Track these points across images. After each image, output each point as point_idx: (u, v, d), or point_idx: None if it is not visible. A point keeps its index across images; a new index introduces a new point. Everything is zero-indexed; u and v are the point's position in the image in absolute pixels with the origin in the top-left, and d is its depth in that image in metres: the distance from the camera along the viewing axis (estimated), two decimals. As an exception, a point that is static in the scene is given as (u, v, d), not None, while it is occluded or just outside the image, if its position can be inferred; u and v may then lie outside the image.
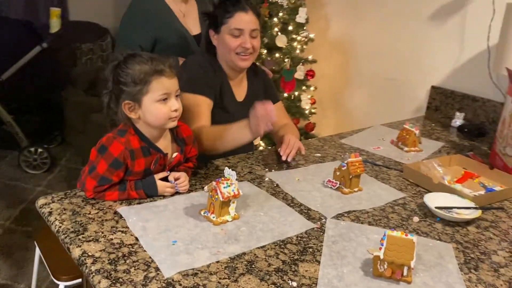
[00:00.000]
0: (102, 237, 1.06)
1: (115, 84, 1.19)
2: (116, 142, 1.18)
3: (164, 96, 1.19)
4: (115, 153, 1.17)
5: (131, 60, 1.19)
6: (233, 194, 1.15)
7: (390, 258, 0.97)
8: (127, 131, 1.22)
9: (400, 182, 1.52)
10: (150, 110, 1.19)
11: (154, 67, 1.18)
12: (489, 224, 1.29)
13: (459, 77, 2.28)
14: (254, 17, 1.58)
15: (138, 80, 1.17)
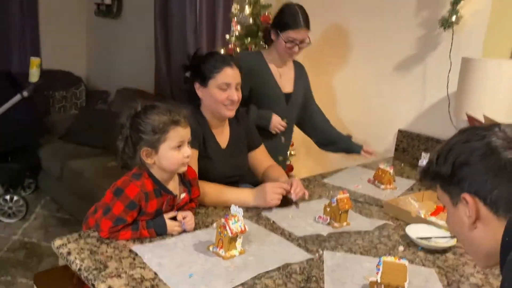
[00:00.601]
0: (123, 273, 1.14)
1: (133, 132, 1.31)
2: (132, 185, 1.28)
3: (179, 143, 1.32)
4: (131, 195, 1.27)
5: (150, 111, 1.31)
6: (241, 230, 1.27)
7: (386, 280, 1.11)
8: (142, 174, 1.32)
9: (382, 216, 1.68)
10: (166, 157, 1.31)
11: (172, 117, 1.31)
12: (464, 251, 1.45)
13: (423, 121, 2.52)
14: (237, 71, 1.72)
15: (158, 129, 1.29)
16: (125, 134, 1.33)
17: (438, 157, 0.89)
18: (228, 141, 1.82)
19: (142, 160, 1.32)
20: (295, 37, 2.08)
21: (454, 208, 0.88)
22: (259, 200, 1.62)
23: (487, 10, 2.18)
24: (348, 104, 2.86)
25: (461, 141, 0.87)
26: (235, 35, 2.74)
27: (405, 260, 1.13)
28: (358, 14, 2.69)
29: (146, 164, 1.33)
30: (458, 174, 0.85)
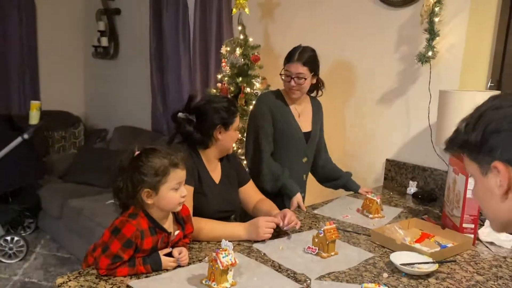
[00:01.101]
0: (121, 308, 1.21)
1: (134, 173, 1.40)
2: (129, 224, 1.37)
3: (178, 185, 1.42)
4: (128, 234, 1.35)
5: (152, 154, 1.41)
6: (231, 263, 1.34)
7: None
8: (138, 214, 1.41)
9: (369, 245, 1.75)
10: (165, 197, 1.41)
11: (172, 161, 1.41)
12: (445, 275, 1.52)
13: (409, 150, 2.62)
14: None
15: (159, 172, 1.39)
16: (125, 175, 1.42)
17: (467, 124, 0.85)
18: (221, 177, 1.91)
19: (142, 200, 1.41)
20: (289, 69, 2.16)
21: (483, 178, 0.84)
22: (252, 234, 1.70)
23: (461, 45, 2.32)
24: (338, 136, 2.96)
25: (492, 108, 0.82)
26: (227, 74, 2.88)
27: (385, 287, 1.20)
28: (346, 52, 2.84)
29: (144, 204, 1.42)
30: (488, 142, 0.80)
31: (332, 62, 2.87)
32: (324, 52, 2.92)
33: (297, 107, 2.29)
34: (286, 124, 2.22)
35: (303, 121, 2.29)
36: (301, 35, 2.93)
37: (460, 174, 1.84)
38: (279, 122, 2.21)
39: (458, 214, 1.84)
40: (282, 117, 2.22)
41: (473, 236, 1.80)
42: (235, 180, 1.95)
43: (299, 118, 2.28)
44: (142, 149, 1.46)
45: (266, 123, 2.21)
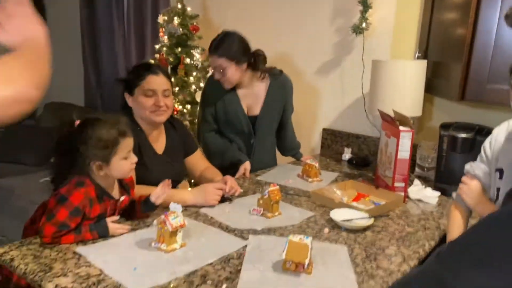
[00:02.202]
0: (69, 272, 1.19)
1: (82, 147, 1.35)
2: (76, 192, 1.33)
3: (128, 153, 1.40)
4: (75, 202, 1.32)
5: (96, 125, 1.36)
6: (180, 224, 1.36)
7: (289, 258, 1.25)
8: (85, 182, 1.37)
9: (310, 205, 1.84)
10: (116, 168, 1.39)
11: (120, 130, 1.38)
12: (380, 228, 1.65)
13: (344, 119, 2.75)
14: (165, 79, 1.80)
15: (109, 144, 1.36)
16: (65, 149, 1.37)
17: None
18: (165, 148, 1.89)
19: (92, 172, 1.38)
20: (212, 64, 2.15)
21: None
22: (199, 199, 1.72)
23: (391, 16, 2.45)
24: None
25: None
26: (165, 44, 2.82)
27: (309, 239, 1.27)
28: (283, 25, 2.89)
29: (93, 174, 1.39)
30: None
31: (269, 35, 2.92)
32: (262, 24, 2.96)
33: (244, 91, 2.25)
34: (228, 109, 2.22)
35: (251, 105, 2.27)
36: (240, 9, 2.94)
37: (391, 137, 1.98)
38: (221, 108, 2.22)
39: (390, 174, 1.98)
40: (225, 102, 2.22)
41: (403, 194, 1.96)
42: (181, 151, 1.95)
43: (246, 101, 2.25)
44: (84, 119, 1.41)
45: (207, 106, 2.24)
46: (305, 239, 1.28)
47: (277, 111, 2.34)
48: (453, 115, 2.33)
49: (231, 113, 2.23)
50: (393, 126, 1.97)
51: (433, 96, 2.41)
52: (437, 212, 1.87)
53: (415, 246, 1.51)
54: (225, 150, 2.23)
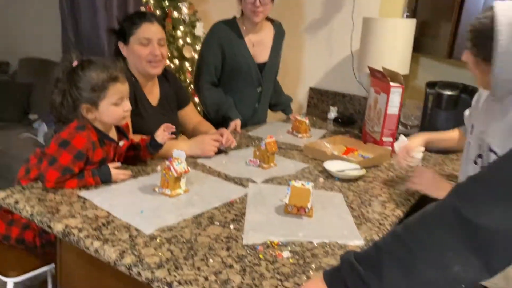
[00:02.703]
0: (77, 214, 1.21)
1: (71, 88, 1.33)
2: (79, 136, 1.33)
3: (119, 100, 1.38)
4: (79, 146, 1.32)
5: (88, 68, 1.34)
6: (184, 170, 1.38)
7: (292, 202, 1.30)
8: (86, 126, 1.36)
9: (303, 158, 1.89)
10: (106, 113, 1.38)
11: (110, 74, 1.35)
12: (371, 179, 1.72)
13: (331, 78, 2.79)
14: (160, 28, 1.77)
15: (97, 87, 1.34)
16: (62, 88, 1.35)
17: None
18: (159, 100, 1.88)
19: (83, 115, 1.36)
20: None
21: None
22: (196, 150, 1.74)
23: (381, -25, 2.46)
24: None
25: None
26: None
27: (310, 184, 1.32)
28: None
29: (87, 117, 1.37)
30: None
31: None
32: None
33: (253, 37, 2.23)
34: (237, 57, 2.19)
35: (258, 51, 2.25)
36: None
37: (381, 93, 2.03)
38: (229, 55, 2.18)
39: (379, 130, 2.04)
40: (233, 49, 2.18)
41: (391, 148, 2.03)
42: (175, 103, 1.95)
43: (254, 48, 2.23)
44: (79, 60, 1.39)
45: (211, 56, 2.18)
46: (306, 184, 1.33)
47: (279, 61, 2.37)
48: (438, 75, 2.40)
49: (240, 60, 2.19)
50: (383, 82, 2.02)
51: (419, 56, 2.46)
52: (423, 165, 1.96)
53: (406, 195, 1.59)
54: (221, 103, 2.22)
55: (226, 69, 2.21)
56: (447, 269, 0.78)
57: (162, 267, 1.00)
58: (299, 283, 0.99)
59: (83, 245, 1.09)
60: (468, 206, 0.77)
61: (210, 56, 2.19)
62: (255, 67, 2.25)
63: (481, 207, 0.76)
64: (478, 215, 0.75)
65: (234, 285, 0.96)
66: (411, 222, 0.86)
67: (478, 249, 0.75)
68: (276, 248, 1.13)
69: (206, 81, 2.22)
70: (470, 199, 0.78)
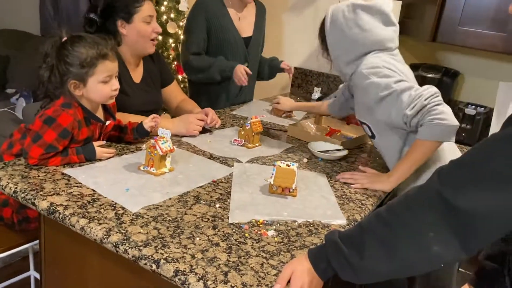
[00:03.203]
0: (61, 191, 1.20)
1: (60, 63, 1.31)
2: (64, 113, 1.31)
3: (108, 78, 1.36)
4: (64, 124, 1.30)
5: (77, 43, 1.31)
6: (170, 149, 1.38)
7: (277, 183, 1.32)
8: (72, 104, 1.34)
9: (287, 138, 1.91)
10: (94, 90, 1.36)
11: (100, 51, 1.33)
12: (354, 159, 1.75)
13: (315, 58, 2.78)
14: (152, 4, 1.78)
15: (85, 63, 1.31)
16: (50, 63, 1.32)
17: None
18: (142, 77, 1.86)
19: (70, 92, 1.34)
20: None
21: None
22: (181, 128, 1.73)
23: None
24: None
25: None
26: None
27: (294, 165, 1.34)
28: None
29: (74, 95, 1.35)
30: None
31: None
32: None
33: (238, 11, 2.23)
34: (224, 29, 2.17)
35: (243, 26, 2.25)
36: None
37: (366, 75, 2.04)
38: (215, 28, 2.16)
39: (362, 111, 2.07)
40: (219, 22, 2.16)
41: (373, 130, 2.06)
42: (158, 81, 1.93)
43: (239, 22, 2.23)
44: (69, 35, 1.36)
45: (197, 28, 2.16)
46: (291, 165, 1.34)
47: (263, 37, 2.37)
48: (421, 57, 2.43)
49: (226, 33, 2.18)
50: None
51: (403, 38, 2.48)
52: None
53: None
54: (212, 63, 2.17)
55: (213, 42, 2.20)
56: (428, 249, 0.81)
57: (149, 245, 1.01)
58: (283, 261, 1.01)
59: (69, 223, 1.09)
60: (449, 189, 0.80)
61: (197, 28, 2.17)
62: (241, 41, 2.25)
63: (461, 190, 0.78)
64: (458, 197, 0.78)
65: (221, 262, 0.98)
66: (394, 204, 0.88)
67: (457, 230, 0.78)
68: (262, 227, 1.15)
69: (193, 53, 2.19)
70: (451, 182, 0.81)
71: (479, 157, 0.80)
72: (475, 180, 0.78)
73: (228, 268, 0.96)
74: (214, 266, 0.96)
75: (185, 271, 0.93)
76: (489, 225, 0.77)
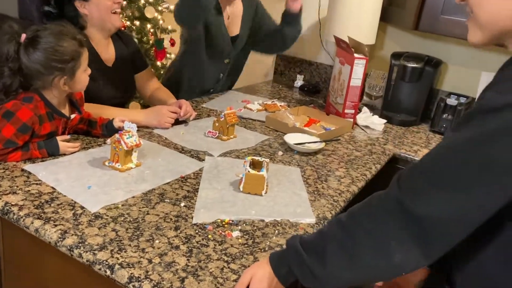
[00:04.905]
0: (18, 190, 1.15)
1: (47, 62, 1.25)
2: (25, 108, 1.25)
3: (86, 64, 1.33)
4: (23, 119, 1.24)
5: (57, 38, 1.26)
6: (135, 144, 1.33)
7: (247, 190, 1.29)
8: (33, 97, 1.28)
9: (264, 129, 1.86)
10: (79, 80, 1.33)
11: (79, 40, 1.29)
12: (330, 152, 1.71)
13: (298, 45, 2.71)
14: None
15: (75, 56, 1.27)
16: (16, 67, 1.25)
17: None
18: (114, 60, 1.80)
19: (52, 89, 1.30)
20: None
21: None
22: (153, 121, 1.68)
23: None
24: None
25: None
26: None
27: (264, 171, 1.29)
28: None
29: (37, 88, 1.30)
30: None
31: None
32: None
33: (228, 9, 2.10)
34: (215, 28, 2.04)
35: (232, 24, 2.13)
36: None
37: (345, 64, 1.99)
38: (208, 27, 2.02)
39: (341, 101, 2.02)
40: (211, 20, 2.02)
41: (352, 120, 2.02)
42: (130, 65, 1.86)
43: (229, 21, 2.11)
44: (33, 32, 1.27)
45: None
46: (261, 171, 1.30)
47: (248, 32, 2.23)
48: (404, 45, 2.38)
49: (215, 33, 2.06)
50: (348, 53, 1.98)
51: (386, 25, 2.42)
52: (383, 138, 1.97)
53: (363, 169, 1.59)
54: None
55: (201, 38, 2.04)
56: (390, 258, 0.78)
57: (105, 248, 0.97)
58: (245, 265, 0.98)
59: (23, 224, 1.04)
60: (408, 196, 0.77)
61: None
62: (228, 41, 2.13)
63: (419, 197, 0.76)
64: (417, 204, 0.76)
65: (179, 267, 0.94)
66: (356, 210, 0.85)
67: (418, 238, 0.76)
68: (227, 227, 1.12)
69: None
70: (409, 189, 0.78)
71: (436, 162, 0.77)
72: (433, 185, 0.75)
73: (186, 273, 0.92)
74: (171, 271, 0.92)
75: (140, 277, 0.89)
76: (448, 231, 0.75)
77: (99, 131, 1.51)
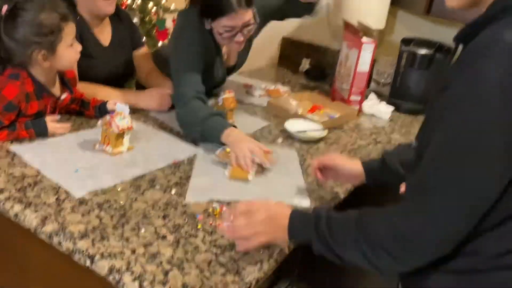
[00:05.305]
0: (2, 171, 1.10)
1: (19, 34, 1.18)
2: (11, 85, 1.19)
3: (73, 40, 1.25)
4: (9, 97, 1.19)
5: (33, 10, 1.19)
6: (127, 127, 1.27)
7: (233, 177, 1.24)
8: (20, 74, 1.22)
9: (265, 115, 1.79)
10: (63, 56, 1.25)
11: (62, 13, 1.22)
12: (333, 141, 1.64)
13: (305, 28, 2.63)
14: None
15: (53, 28, 1.20)
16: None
17: None
18: (111, 39, 1.73)
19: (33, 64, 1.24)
20: (233, 24, 1.49)
21: None
22: (152, 103, 1.61)
23: None
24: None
25: None
26: None
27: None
28: None
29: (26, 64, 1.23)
30: None
31: None
32: None
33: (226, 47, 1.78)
34: (211, 68, 1.72)
35: (229, 57, 1.87)
36: None
37: (353, 49, 1.91)
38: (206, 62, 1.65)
39: (347, 87, 1.94)
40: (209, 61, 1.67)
41: (358, 108, 1.94)
42: (129, 43, 1.79)
43: (225, 56, 1.83)
44: (13, 4, 1.21)
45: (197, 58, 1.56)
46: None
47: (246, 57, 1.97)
48: (415, 30, 2.28)
49: (212, 70, 1.75)
50: (355, 37, 1.89)
51: (396, 9, 2.32)
52: (389, 127, 1.89)
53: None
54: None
55: None
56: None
57: (86, 237, 0.91)
58: (235, 258, 0.92)
59: (2, 208, 0.99)
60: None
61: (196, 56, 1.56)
62: (224, 74, 1.88)
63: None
64: None
65: (164, 259, 0.88)
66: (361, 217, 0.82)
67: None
68: (218, 217, 1.06)
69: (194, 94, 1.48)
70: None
71: None
72: None
73: (170, 266, 0.87)
74: (155, 263, 0.87)
75: (120, 269, 0.84)
76: None
77: (92, 113, 1.45)
